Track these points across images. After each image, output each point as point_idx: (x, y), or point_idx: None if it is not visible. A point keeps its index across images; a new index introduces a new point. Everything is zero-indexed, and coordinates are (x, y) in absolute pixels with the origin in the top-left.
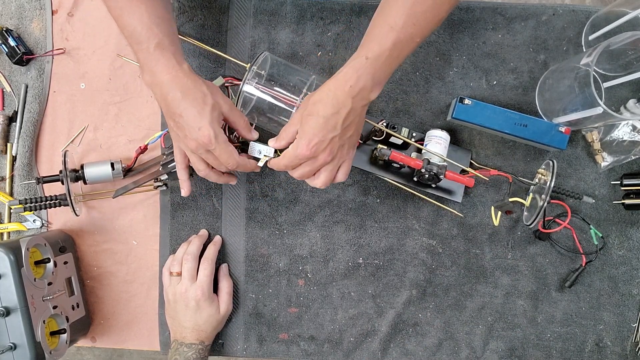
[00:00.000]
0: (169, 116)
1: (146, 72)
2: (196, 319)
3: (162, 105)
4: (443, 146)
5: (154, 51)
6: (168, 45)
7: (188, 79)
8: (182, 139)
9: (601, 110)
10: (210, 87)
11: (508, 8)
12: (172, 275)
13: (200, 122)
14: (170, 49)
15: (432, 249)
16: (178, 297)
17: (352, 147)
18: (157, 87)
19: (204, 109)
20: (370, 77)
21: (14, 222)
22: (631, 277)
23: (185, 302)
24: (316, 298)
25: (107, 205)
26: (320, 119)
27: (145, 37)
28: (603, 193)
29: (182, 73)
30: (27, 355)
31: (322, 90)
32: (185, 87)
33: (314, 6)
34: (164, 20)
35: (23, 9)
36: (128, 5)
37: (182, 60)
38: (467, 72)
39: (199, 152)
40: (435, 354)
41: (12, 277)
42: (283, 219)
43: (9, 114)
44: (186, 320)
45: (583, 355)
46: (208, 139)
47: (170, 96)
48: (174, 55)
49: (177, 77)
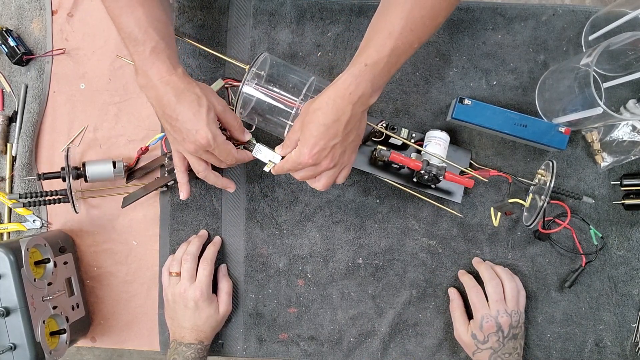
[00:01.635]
0: (165, 120)
1: (140, 75)
2: (195, 320)
3: (156, 109)
4: (443, 147)
5: (150, 55)
6: (164, 48)
7: (181, 82)
8: (180, 142)
9: (601, 110)
10: (203, 88)
11: (508, 8)
12: (171, 275)
13: (197, 125)
14: (165, 52)
15: (432, 249)
16: (177, 297)
17: (354, 152)
18: (151, 90)
19: (200, 111)
20: (369, 83)
21: (14, 222)
22: (631, 277)
23: (184, 302)
24: (316, 298)
25: (107, 205)
26: (321, 127)
27: (142, 40)
28: (603, 193)
29: (176, 77)
30: (27, 355)
31: (322, 98)
32: (178, 90)
33: (314, 6)
34: (161, 23)
35: (23, 9)
36: (126, 6)
37: (177, 64)
38: (467, 73)
39: (198, 154)
40: (435, 354)
41: (12, 277)
42: (283, 219)
43: (9, 114)
44: (185, 320)
45: (583, 356)
46: (206, 140)
47: (165, 100)
48: (169, 59)
49: (171, 81)
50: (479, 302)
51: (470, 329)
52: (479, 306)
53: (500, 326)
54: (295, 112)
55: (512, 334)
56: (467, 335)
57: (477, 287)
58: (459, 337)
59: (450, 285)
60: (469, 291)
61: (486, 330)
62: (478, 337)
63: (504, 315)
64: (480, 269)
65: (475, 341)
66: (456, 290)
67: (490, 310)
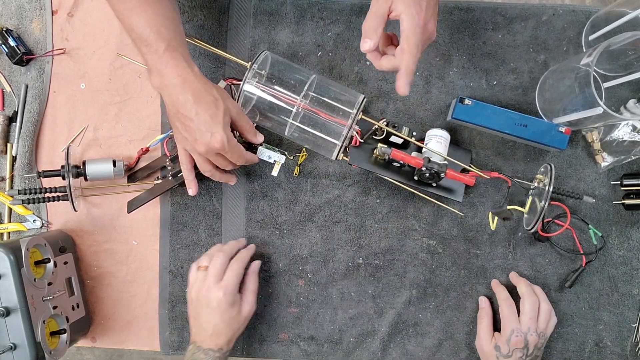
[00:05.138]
0: (177, 119)
1: (155, 75)
2: (216, 321)
3: (170, 108)
4: (443, 145)
5: (164, 54)
6: (177, 46)
7: (199, 82)
8: (190, 142)
9: (601, 110)
10: (220, 91)
11: (508, 8)
12: (199, 269)
13: (213, 128)
14: (179, 50)
15: (432, 249)
16: (200, 295)
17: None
18: (167, 89)
19: (217, 114)
20: None
21: (14, 222)
22: (631, 277)
23: (207, 301)
24: (316, 298)
25: (108, 205)
26: None
27: (154, 39)
28: (603, 193)
29: (192, 76)
30: (27, 355)
31: None
32: (196, 91)
33: (314, 6)
34: (172, 22)
35: (23, 9)
36: (136, 7)
37: (191, 62)
38: (467, 72)
39: (208, 155)
40: (435, 354)
41: (12, 277)
42: (283, 219)
43: (9, 114)
44: (207, 321)
45: (583, 356)
46: (221, 144)
47: (181, 99)
48: (184, 57)
49: (188, 80)
50: (511, 315)
51: (495, 340)
52: (510, 319)
53: (527, 343)
54: (296, 110)
55: (535, 355)
56: (489, 345)
57: (510, 300)
58: (480, 345)
59: (451, 286)
60: (501, 303)
61: (513, 344)
62: (502, 350)
63: (534, 334)
64: (519, 285)
65: (497, 353)
66: (488, 300)
67: (522, 325)
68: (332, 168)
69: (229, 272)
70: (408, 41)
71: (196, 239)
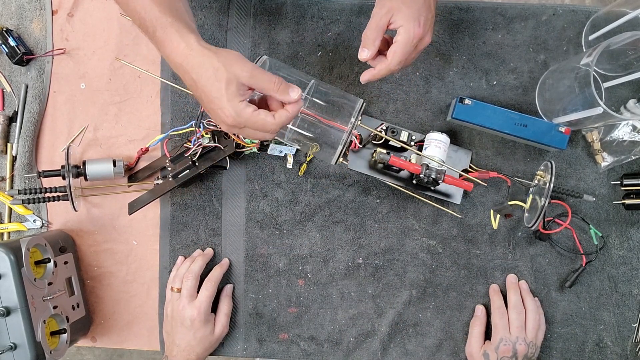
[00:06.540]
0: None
1: (164, 57)
2: (189, 339)
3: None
4: (442, 149)
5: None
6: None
7: (197, 55)
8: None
9: (601, 110)
10: (223, 57)
11: (508, 8)
12: (172, 290)
13: (219, 103)
14: (173, 26)
15: (432, 249)
16: (175, 313)
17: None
18: (177, 72)
19: (218, 87)
20: None
21: (14, 222)
22: (631, 277)
23: (181, 319)
24: (316, 298)
25: (108, 205)
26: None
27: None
28: (603, 193)
29: (188, 50)
30: (27, 355)
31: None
32: (195, 67)
33: (314, 6)
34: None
35: (23, 9)
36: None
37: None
38: (467, 72)
39: (234, 131)
40: (435, 354)
41: (12, 277)
42: (283, 219)
43: (9, 114)
44: (180, 338)
45: (583, 356)
46: (232, 119)
47: (187, 81)
48: (178, 32)
49: (187, 57)
50: (501, 324)
51: (484, 347)
52: (500, 328)
53: (516, 352)
54: None
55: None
56: (478, 353)
57: (503, 309)
58: (470, 352)
59: (451, 286)
60: (494, 311)
61: (502, 352)
62: (490, 357)
63: (522, 343)
64: (509, 293)
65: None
66: (484, 309)
67: (511, 335)
68: (332, 168)
69: (203, 292)
70: (394, 55)
71: (196, 239)
